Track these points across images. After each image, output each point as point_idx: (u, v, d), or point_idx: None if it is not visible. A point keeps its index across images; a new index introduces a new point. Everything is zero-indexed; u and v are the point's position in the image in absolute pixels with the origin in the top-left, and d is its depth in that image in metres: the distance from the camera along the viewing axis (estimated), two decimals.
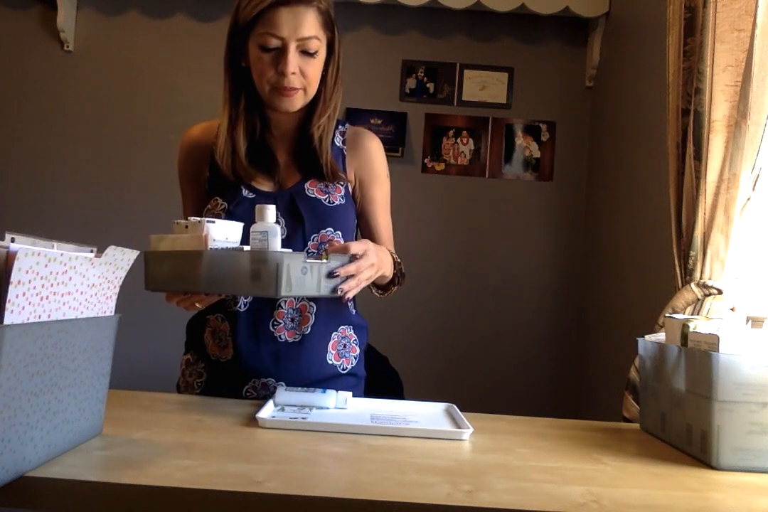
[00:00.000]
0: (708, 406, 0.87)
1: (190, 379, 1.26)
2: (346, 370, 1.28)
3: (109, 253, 0.79)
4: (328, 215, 1.25)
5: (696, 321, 1.00)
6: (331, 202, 1.25)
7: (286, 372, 1.20)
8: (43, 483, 0.67)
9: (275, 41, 1.13)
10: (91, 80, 2.83)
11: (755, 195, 1.34)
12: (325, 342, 1.24)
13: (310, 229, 1.23)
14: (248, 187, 1.23)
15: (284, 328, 1.21)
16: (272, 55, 1.14)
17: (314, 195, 1.24)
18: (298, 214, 1.22)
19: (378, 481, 0.72)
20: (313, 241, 1.23)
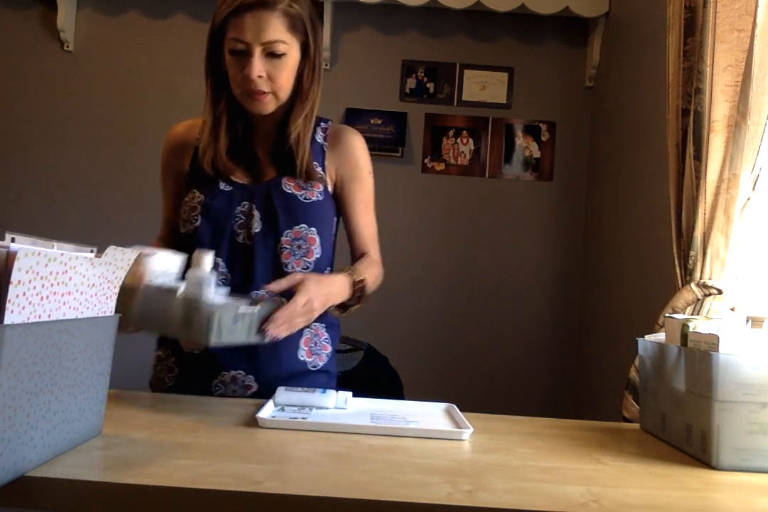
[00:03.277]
0: (708, 406, 0.87)
1: (161, 375, 1.27)
2: (317, 368, 1.29)
3: (109, 253, 0.79)
4: (303, 211, 1.25)
5: (696, 321, 1.00)
6: (307, 197, 1.26)
7: (256, 366, 1.22)
8: (43, 483, 0.66)
9: (241, 45, 1.16)
10: (91, 80, 2.83)
11: (755, 195, 1.34)
12: (297, 339, 1.25)
13: (284, 225, 1.24)
14: (225, 180, 1.26)
15: None
16: (240, 59, 1.17)
17: (291, 190, 1.25)
18: (272, 208, 1.24)
19: (378, 481, 0.72)
20: (286, 236, 1.24)
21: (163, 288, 1.02)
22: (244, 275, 1.23)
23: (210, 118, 1.25)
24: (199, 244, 1.22)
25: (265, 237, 1.23)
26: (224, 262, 1.23)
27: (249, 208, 1.24)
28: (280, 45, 1.17)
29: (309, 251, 1.26)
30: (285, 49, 1.17)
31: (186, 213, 1.25)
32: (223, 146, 1.25)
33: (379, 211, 3.05)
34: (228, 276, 1.23)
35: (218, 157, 1.25)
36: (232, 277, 1.23)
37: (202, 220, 1.23)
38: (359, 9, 2.78)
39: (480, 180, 2.86)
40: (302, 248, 1.25)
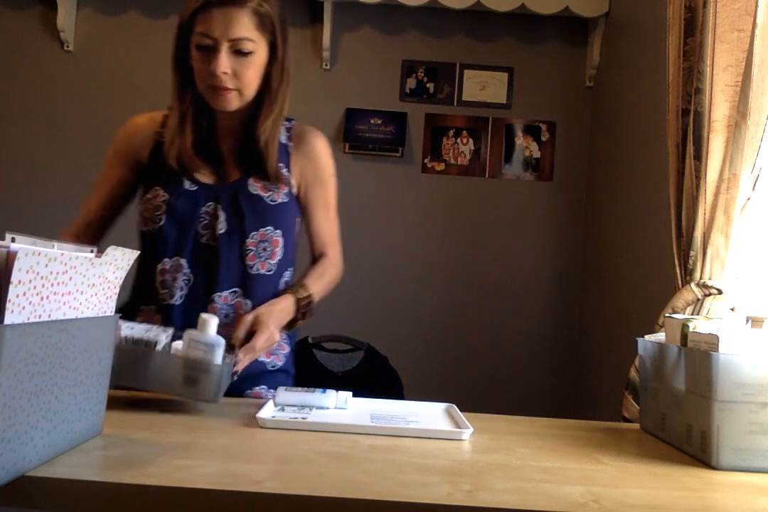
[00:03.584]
0: (708, 406, 0.87)
1: None
2: (276, 367, 1.30)
3: (109, 253, 0.79)
4: (269, 213, 1.26)
5: (696, 321, 1.00)
6: (273, 199, 1.26)
7: None
8: (43, 483, 0.66)
9: (208, 41, 1.15)
10: (91, 80, 2.83)
11: (755, 195, 1.34)
12: None
13: (251, 227, 1.24)
14: (190, 178, 1.24)
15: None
16: (206, 54, 1.16)
17: (257, 192, 1.25)
18: (239, 210, 1.23)
19: (378, 481, 0.72)
20: (252, 238, 1.24)
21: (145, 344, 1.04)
22: (207, 276, 1.23)
23: (176, 112, 1.24)
24: (163, 243, 1.22)
25: (230, 238, 1.23)
26: (187, 263, 1.23)
27: (214, 209, 1.23)
28: (248, 43, 1.16)
29: (273, 253, 1.27)
30: (252, 47, 1.17)
31: (149, 211, 1.23)
32: (189, 141, 1.24)
33: (379, 210, 3.05)
34: (191, 277, 1.23)
35: (184, 151, 1.23)
36: (195, 278, 1.23)
37: (167, 219, 1.22)
38: (359, 9, 2.78)
39: (480, 180, 2.86)
40: (267, 250, 1.26)
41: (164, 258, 1.23)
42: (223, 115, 1.26)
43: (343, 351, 2.10)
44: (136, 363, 1.00)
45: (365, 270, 2.76)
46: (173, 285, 1.23)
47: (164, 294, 1.23)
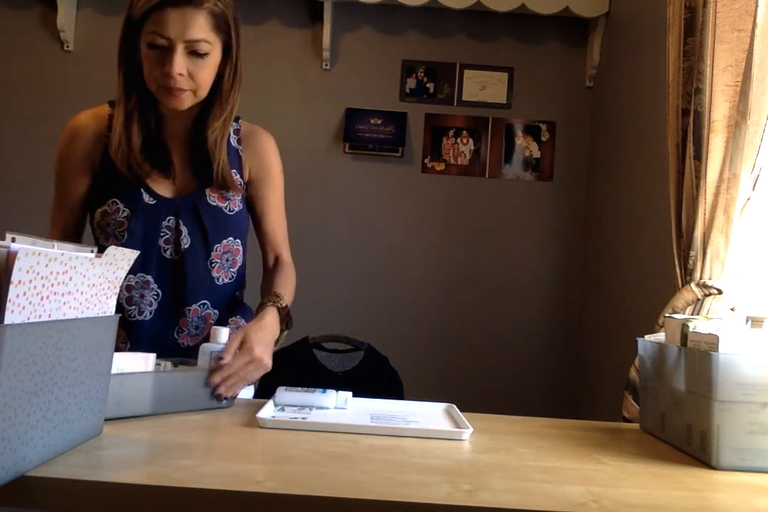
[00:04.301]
0: (708, 406, 0.87)
1: None
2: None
3: (109, 253, 0.79)
4: (228, 224, 1.26)
5: (696, 321, 1.00)
6: (231, 209, 1.26)
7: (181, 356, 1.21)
8: (43, 483, 0.66)
9: (162, 41, 1.12)
10: (91, 80, 2.83)
11: (755, 195, 1.34)
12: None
13: (214, 239, 1.24)
14: (147, 191, 1.21)
15: (188, 336, 1.24)
16: (159, 54, 1.13)
17: (216, 203, 1.24)
18: (201, 223, 1.22)
19: (378, 481, 0.72)
20: (216, 250, 1.24)
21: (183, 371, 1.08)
22: (175, 290, 1.23)
23: (121, 111, 1.20)
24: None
25: (195, 252, 1.23)
26: (153, 279, 1.22)
27: (175, 224, 1.22)
28: (204, 44, 1.14)
29: (234, 262, 1.28)
30: (208, 49, 1.14)
31: (110, 226, 1.20)
32: (137, 143, 1.20)
33: (379, 210, 3.05)
34: (159, 292, 1.22)
35: (132, 157, 1.19)
36: (163, 293, 1.22)
37: (129, 235, 1.19)
38: (359, 9, 2.78)
39: (480, 180, 2.86)
40: (229, 260, 1.27)
41: (128, 275, 1.19)
42: (171, 115, 1.23)
43: (343, 351, 2.10)
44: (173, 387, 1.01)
45: (365, 270, 2.76)
46: (141, 302, 1.21)
47: (131, 311, 1.21)
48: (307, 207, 2.75)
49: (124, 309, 1.21)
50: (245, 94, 3.23)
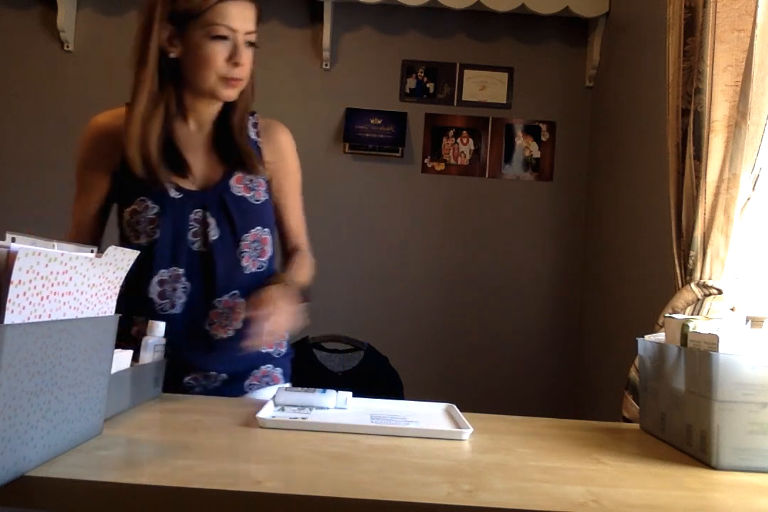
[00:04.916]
0: (708, 406, 0.87)
1: None
2: (281, 354, 1.33)
3: (110, 253, 0.79)
4: (256, 213, 1.26)
5: (696, 321, 1.00)
6: (257, 199, 1.27)
7: (225, 364, 1.24)
8: (43, 483, 0.66)
9: (227, 32, 1.16)
10: (91, 80, 2.83)
11: (755, 195, 1.34)
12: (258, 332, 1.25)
13: (241, 229, 1.24)
14: (173, 185, 1.22)
15: (219, 327, 1.24)
16: (222, 45, 1.17)
17: (241, 193, 1.25)
18: (228, 214, 1.23)
19: (378, 481, 0.72)
20: (245, 240, 1.25)
21: None
22: (205, 282, 1.23)
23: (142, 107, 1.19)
24: (159, 255, 1.20)
25: (223, 243, 1.23)
26: (184, 272, 1.22)
27: (203, 216, 1.22)
28: (255, 35, 1.20)
29: (263, 251, 1.28)
30: (256, 40, 1.21)
31: (141, 224, 1.21)
32: (154, 139, 1.20)
33: (379, 210, 3.06)
34: (188, 285, 1.22)
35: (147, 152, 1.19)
36: (193, 286, 1.23)
37: (160, 232, 1.20)
38: (359, 9, 2.78)
39: (480, 180, 2.86)
40: (257, 249, 1.27)
41: (160, 269, 1.21)
42: (198, 114, 1.26)
43: (343, 351, 2.10)
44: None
45: (365, 270, 2.76)
46: (173, 295, 1.22)
47: (164, 305, 1.22)
48: (307, 207, 2.74)
49: (155, 304, 1.21)
50: None
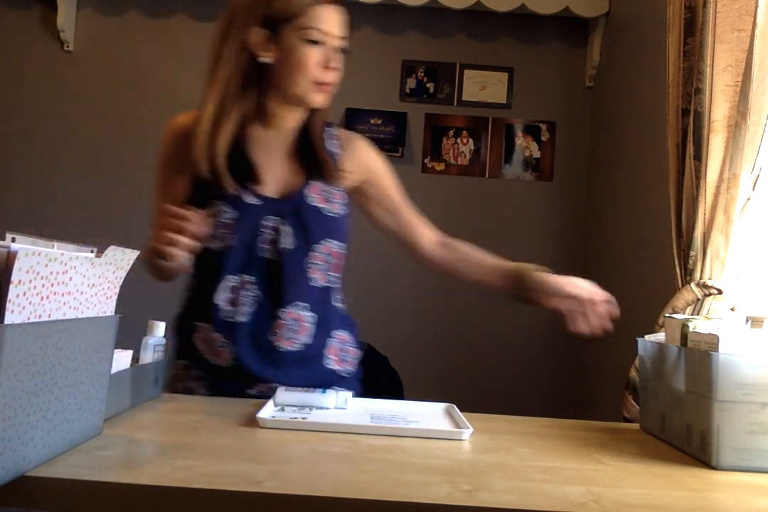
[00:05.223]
0: (708, 406, 0.87)
1: (189, 384, 1.23)
2: (351, 374, 1.30)
3: (110, 253, 0.79)
4: (330, 226, 1.23)
5: (696, 321, 1.00)
6: (333, 211, 1.24)
7: (289, 378, 1.20)
8: (43, 483, 0.66)
9: (321, 36, 1.15)
10: (91, 80, 2.83)
11: (755, 195, 1.34)
12: (324, 349, 1.25)
13: (314, 241, 1.21)
14: (250, 191, 1.19)
15: (283, 338, 1.20)
16: (318, 50, 1.16)
17: (317, 204, 1.22)
18: (304, 224, 1.20)
19: (378, 481, 0.72)
20: (316, 252, 1.22)
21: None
22: (272, 291, 1.20)
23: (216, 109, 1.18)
24: (228, 261, 1.18)
25: (294, 252, 1.20)
26: (254, 280, 1.19)
27: (278, 223, 1.19)
28: (346, 40, 1.19)
29: (335, 266, 1.26)
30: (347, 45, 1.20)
31: (215, 229, 1.17)
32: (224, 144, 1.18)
33: None
34: (257, 293, 1.19)
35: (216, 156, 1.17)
36: (263, 294, 1.19)
37: (233, 237, 1.17)
38: (359, 9, 2.78)
39: (480, 180, 2.86)
40: (328, 263, 1.24)
41: (228, 275, 1.18)
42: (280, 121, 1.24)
43: None
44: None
45: (365, 270, 2.76)
46: (242, 303, 1.18)
47: (231, 312, 1.18)
48: None
49: (221, 310, 1.18)
50: None
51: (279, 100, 1.21)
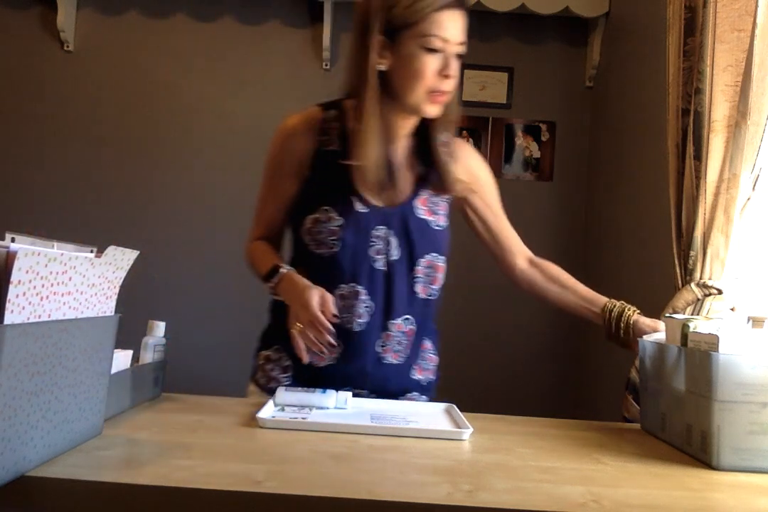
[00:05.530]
0: (708, 406, 0.87)
1: (273, 373, 1.23)
2: (431, 382, 1.34)
3: (109, 253, 0.79)
4: (434, 239, 1.23)
5: (696, 321, 1.00)
6: (438, 224, 1.24)
7: (378, 386, 1.21)
8: (43, 483, 0.66)
9: (440, 44, 1.09)
10: (91, 80, 2.83)
11: (755, 195, 1.34)
12: (417, 361, 1.28)
13: (419, 253, 1.21)
14: (359, 199, 1.17)
15: (391, 350, 1.21)
16: (436, 58, 1.10)
17: (424, 216, 1.21)
18: (409, 236, 1.19)
19: (378, 481, 0.72)
20: (420, 265, 1.22)
21: None
22: (385, 303, 1.19)
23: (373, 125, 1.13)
24: (338, 269, 1.17)
25: (402, 264, 1.20)
26: (364, 290, 1.18)
27: (386, 234, 1.18)
28: (464, 47, 1.13)
29: (435, 279, 1.26)
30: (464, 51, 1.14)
31: (322, 234, 1.16)
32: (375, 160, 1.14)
33: None
34: (370, 304, 1.19)
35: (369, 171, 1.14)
36: (374, 305, 1.19)
37: (341, 245, 1.16)
38: None
39: None
40: (430, 276, 1.25)
41: (340, 284, 1.17)
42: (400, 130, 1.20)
43: None
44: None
45: None
46: (352, 312, 1.18)
47: (341, 320, 1.16)
48: None
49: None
50: (245, 93, 3.23)
51: (392, 107, 1.17)
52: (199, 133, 2.82)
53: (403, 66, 1.12)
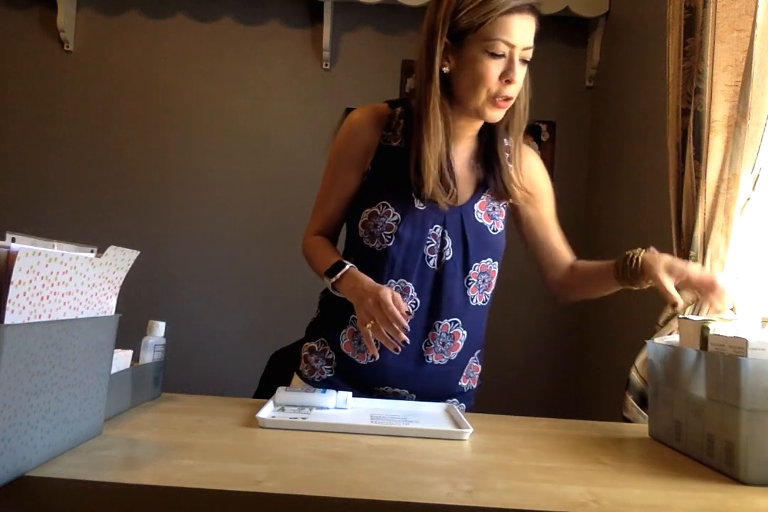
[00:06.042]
0: (735, 415, 0.80)
1: (316, 365, 1.23)
2: (472, 389, 1.33)
3: (110, 253, 0.79)
4: (490, 243, 1.22)
5: (715, 323, 0.93)
6: (495, 229, 1.23)
7: (421, 387, 1.21)
8: (43, 483, 0.66)
9: (505, 48, 1.10)
10: (91, 80, 2.83)
11: (755, 195, 1.34)
12: (464, 367, 1.27)
13: (474, 257, 1.20)
14: (418, 195, 1.16)
15: (434, 350, 1.21)
16: (500, 63, 1.10)
17: (482, 220, 1.21)
18: (464, 237, 1.19)
19: (378, 481, 0.72)
20: (474, 269, 1.21)
21: None
22: (432, 302, 1.19)
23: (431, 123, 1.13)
24: (390, 264, 1.17)
25: (455, 266, 1.19)
26: (414, 287, 1.18)
27: (441, 233, 1.18)
28: (531, 51, 1.14)
29: (489, 284, 1.25)
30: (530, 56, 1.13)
31: (378, 228, 1.16)
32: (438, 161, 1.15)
33: None
34: (417, 301, 1.18)
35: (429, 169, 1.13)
36: (421, 303, 1.19)
37: (396, 240, 1.16)
38: (359, 9, 2.78)
39: None
40: (485, 282, 1.24)
41: (390, 279, 1.17)
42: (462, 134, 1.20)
43: None
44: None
45: None
46: None
47: None
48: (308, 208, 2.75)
49: None
50: (245, 94, 3.24)
51: (456, 109, 1.17)
52: (199, 133, 2.82)
53: (466, 69, 1.11)
